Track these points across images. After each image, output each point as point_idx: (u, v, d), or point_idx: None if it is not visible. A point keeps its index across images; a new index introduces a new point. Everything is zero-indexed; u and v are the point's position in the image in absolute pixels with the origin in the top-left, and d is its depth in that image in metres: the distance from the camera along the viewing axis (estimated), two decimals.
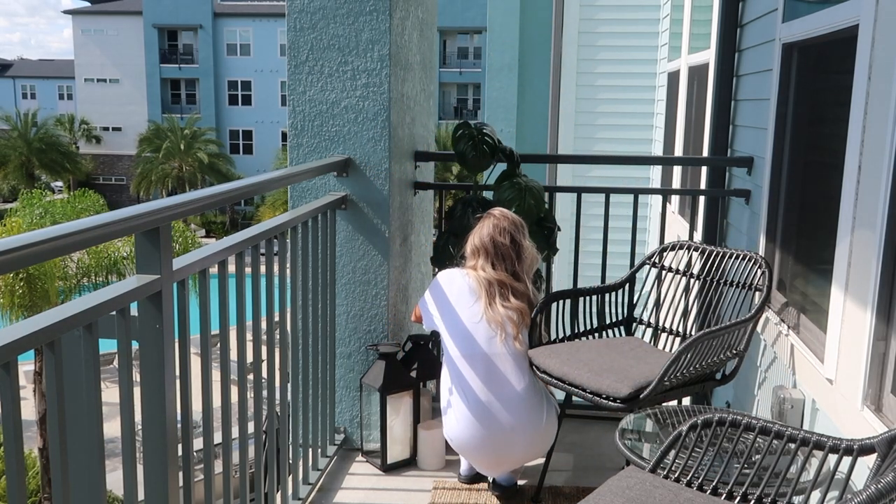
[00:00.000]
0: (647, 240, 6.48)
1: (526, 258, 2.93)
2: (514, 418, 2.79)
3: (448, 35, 39.40)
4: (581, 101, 7.57)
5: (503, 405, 2.79)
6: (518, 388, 2.81)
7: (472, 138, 3.32)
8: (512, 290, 2.87)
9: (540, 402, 2.85)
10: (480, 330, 2.84)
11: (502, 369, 2.82)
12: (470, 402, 2.82)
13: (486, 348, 2.83)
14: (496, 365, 2.82)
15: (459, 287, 2.92)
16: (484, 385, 2.81)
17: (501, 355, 2.83)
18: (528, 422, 2.80)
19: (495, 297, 2.85)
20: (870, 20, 2.19)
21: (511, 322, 2.84)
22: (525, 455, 2.90)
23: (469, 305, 2.88)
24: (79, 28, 43.83)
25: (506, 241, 2.89)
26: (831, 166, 2.51)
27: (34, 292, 14.36)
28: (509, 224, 2.92)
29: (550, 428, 2.87)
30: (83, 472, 1.58)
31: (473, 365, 2.84)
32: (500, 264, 2.89)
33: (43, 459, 14.13)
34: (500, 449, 2.82)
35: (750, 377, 3.32)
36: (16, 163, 37.85)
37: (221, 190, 2.18)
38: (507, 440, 2.80)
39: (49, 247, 1.41)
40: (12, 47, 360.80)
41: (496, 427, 2.79)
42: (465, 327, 2.87)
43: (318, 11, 3.04)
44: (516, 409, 2.80)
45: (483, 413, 2.80)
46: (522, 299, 2.88)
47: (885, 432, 1.71)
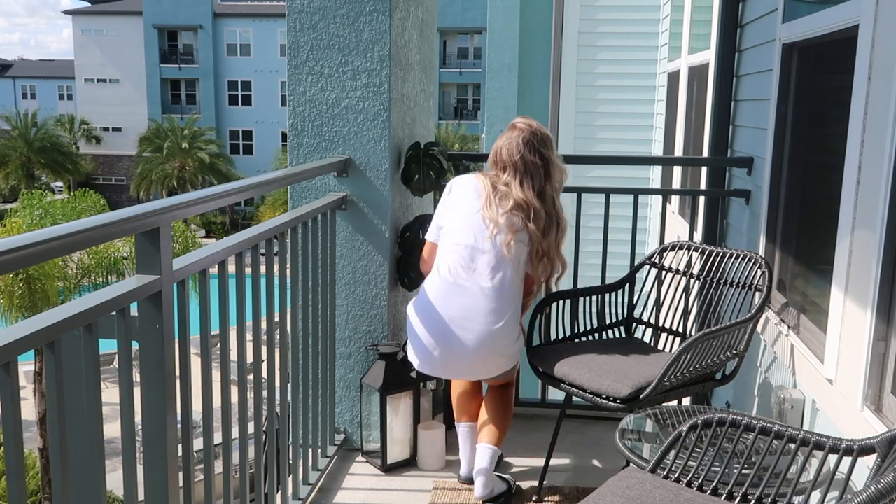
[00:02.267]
0: (647, 240, 6.48)
1: (555, 174, 2.83)
2: (475, 310, 2.73)
3: (448, 35, 39.41)
4: (581, 101, 7.57)
5: (470, 294, 2.74)
6: (488, 284, 2.73)
7: (417, 160, 3.22)
8: (535, 214, 2.76)
9: (507, 311, 2.75)
10: (474, 223, 2.77)
11: (480, 262, 2.74)
12: (439, 284, 2.78)
13: (473, 240, 2.75)
14: (476, 258, 2.75)
15: (466, 185, 2.85)
16: (461, 271, 2.75)
17: (487, 252, 2.74)
18: (487, 317, 2.73)
19: (504, 203, 2.75)
20: (870, 20, 2.19)
21: (510, 229, 2.73)
22: (475, 357, 2.79)
23: (471, 200, 2.80)
24: (79, 28, 43.86)
25: (535, 159, 2.79)
26: (831, 166, 2.51)
27: (34, 293, 14.37)
28: (538, 140, 2.82)
29: (508, 336, 2.78)
30: (83, 472, 1.58)
31: (456, 252, 2.77)
32: (529, 182, 2.78)
33: (43, 459, 14.14)
34: (453, 337, 2.75)
35: (750, 377, 3.32)
36: (16, 163, 37.87)
37: (221, 190, 2.18)
38: (462, 328, 2.74)
39: (49, 247, 1.41)
40: (12, 48, 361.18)
41: (454, 310, 2.75)
42: (459, 218, 2.81)
43: (318, 12, 3.04)
44: (480, 302, 2.74)
45: (447, 296, 2.76)
46: (539, 224, 2.76)
47: (885, 432, 1.71)
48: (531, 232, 2.76)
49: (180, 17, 41.42)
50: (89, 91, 44.04)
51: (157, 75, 42.23)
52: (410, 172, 3.23)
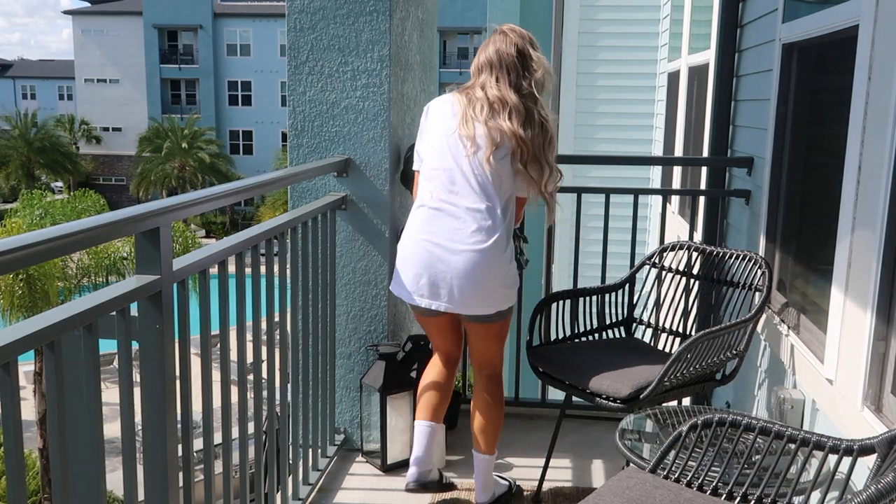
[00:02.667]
0: (647, 240, 6.48)
1: (535, 70, 2.64)
2: (461, 231, 2.57)
3: (448, 35, 39.39)
4: (581, 101, 7.57)
5: (453, 216, 2.59)
6: (472, 205, 2.56)
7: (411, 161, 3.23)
8: (512, 110, 2.56)
9: (495, 230, 2.57)
10: (451, 144, 2.60)
11: (462, 184, 2.58)
12: (423, 211, 2.64)
13: (452, 163, 2.59)
14: (457, 180, 2.58)
15: (442, 106, 2.69)
16: (443, 194, 2.60)
17: (468, 172, 2.57)
18: (473, 236, 2.56)
19: (478, 115, 2.57)
20: (870, 20, 2.19)
21: (489, 141, 2.55)
22: (467, 281, 2.58)
23: (447, 120, 2.64)
24: (79, 28, 43.86)
25: (511, 52, 2.63)
26: (831, 166, 2.51)
27: (34, 293, 14.37)
28: (516, 36, 2.68)
29: (499, 258, 2.59)
30: (83, 472, 1.58)
31: (436, 177, 2.63)
32: (505, 78, 2.61)
33: (43, 459, 14.13)
34: (440, 261, 2.58)
35: (750, 377, 3.32)
36: (16, 163, 37.88)
37: (221, 190, 2.18)
38: (449, 251, 2.57)
39: (49, 247, 1.41)
40: (12, 48, 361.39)
41: (439, 234, 2.59)
42: (436, 142, 2.66)
43: (318, 12, 3.04)
44: (465, 223, 2.57)
45: (430, 220, 2.62)
46: (519, 120, 2.56)
47: (885, 432, 1.71)
48: (508, 131, 2.55)
49: (180, 17, 41.42)
50: (89, 91, 44.05)
51: (157, 75, 42.24)
52: (409, 174, 3.23)
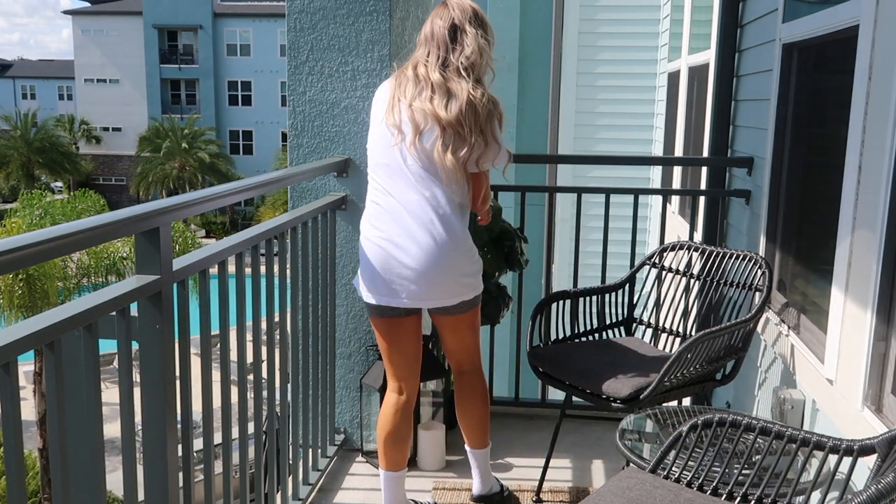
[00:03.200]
0: (647, 240, 6.48)
1: (467, 46, 2.43)
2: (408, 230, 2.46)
3: None
4: (581, 101, 7.58)
5: (398, 214, 2.47)
6: (413, 198, 2.45)
7: None
8: (435, 88, 2.41)
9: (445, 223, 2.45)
10: (384, 136, 2.49)
11: (398, 180, 2.47)
12: (370, 210, 2.56)
13: (388, 155, 2.48)
14: (394, 176, 2.48)
15: (380, 93, 2.59)
16: (382, 194, 2.51)
17: (401, 165, 2.46)
18: (421, 234, 2.45)
19: (404, 95, 2.45)
20: (870, 20, 2.19)
21: (413, 126, 2.41)
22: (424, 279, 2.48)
23: (379, 108, 2.53)
24: (78, 28, 43.86)
25: (444, 26, 2.46)
26: (831, 166, 2.51)
27: (34, 293, 14.37)
28: (456, 9, 2.49)
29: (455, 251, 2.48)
30: (83, 472, 1.57)
31: (375, 173, 2.54)
32: (435, 53, 2.45)
33: (43, 460, 14.13)
34: (393, 261, 2.47)
35: (750, 377, 3.32)
36: (16, 163, 37.87)
37: (221, 190, 2.18)
38: (401, 250, 2.46)
39: (49, 247, 1.41)
40: (12, 48, 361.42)
41: (387, 234, 2.48)
42: (372, 135, 2.56)
43: (318, 12, 3.04)
44: (410, 221, 2.46)
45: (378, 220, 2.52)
46: (441, 100, 2.40)
47: (885, 433, 1.71)
48: (430, 112, 2.40)
49: (180, 17, 41.42)
50: (89, 91, 44.05)
51: (157, 75, 42.25)
52: None
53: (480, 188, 2.56)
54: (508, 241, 3.36)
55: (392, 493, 2.69)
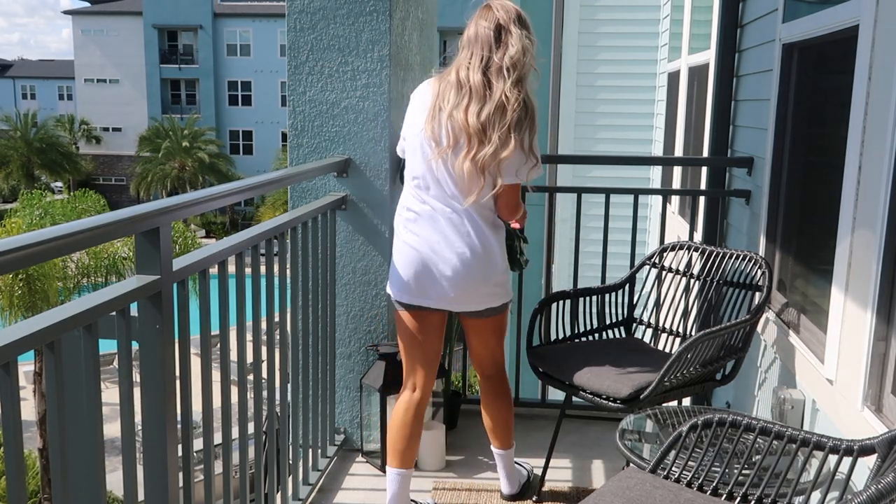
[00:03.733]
0: (647, 240, 6.48)
1: (511, 45, 2.44)
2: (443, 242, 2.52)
3: (448, 35, 39.11)
4: (581, 101, 7.58)
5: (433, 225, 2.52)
6: (449, 210, 2.50)
7: None
8: (473, 93, 2.43)
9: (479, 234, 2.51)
10: (422, 146, 2.52)
11: (436, 190, 2.51)
12: (405, 217, 2.58)
13: (424, 167, 2.51)
14: (431, 187, 2.51)
15: (416, 99, 2.62)
16: (419, 203, 2.55)
17: (439, 176, 2.49)
18: (455, 246, 2.50)
19: (445, 104, 2.46)
20: (870, 20, 2.19)
21: (452, 138, 2.44)
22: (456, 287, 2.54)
23: (417, 116, 2.56)
24: (78, 28, 43.87)
25: (489, 26, 2.47)
26: (831, 166, 2.51)
27: (34, 293, 14.36)
28: (500, 10, 2.49)
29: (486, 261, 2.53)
30: (83, 472, 1.58)
31: (412, 184, 2.57)
32: (478, 55, 2.45)
33: (43, 460, 14.13)
34: (426, 269, 2.53)
35: (750, 377, 3.32)
36: (16, 163, 37.87)
37: (221, 190, 2.18)
38: (435, 259, 2.52)
39: (49, 247, 1.41)
40: (11, 48, 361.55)
41: (422, 243, 2.54)
42: (410, 145, 2.59)
43: (318, 12, 3.04)
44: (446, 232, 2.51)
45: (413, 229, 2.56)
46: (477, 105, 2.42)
47: (885, 433, 1.71)
48: (461, 123, 2.42)
49: (180, 17, 41.42)
50: (89, 91, 44.06)
51: (157, 75, 42.25)
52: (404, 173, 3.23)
53: (506, 201, 2.54)
54: (508, 241, 3.36)
55: (398, 491, 2.69)
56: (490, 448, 2.90)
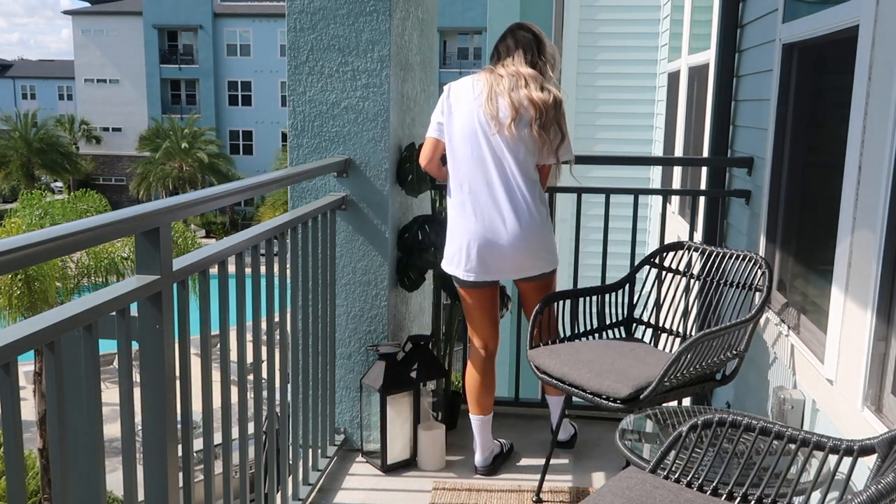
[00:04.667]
0: (647, 240, 6.48)
1: (546, 48, 2.96)
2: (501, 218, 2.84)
3: (448, 35, 39.37)
4: (581, 101, 7.57)
5: (492, 202, 2.84)
6: (506, 186, 2.83)
7: (411, 160, 3.22)
8: (528, 79, 2.85)
9: (529, 205, 2.85)
10: (477, 127, 2.84)
11: (492, 168, 2.83)
12: (462, 200, 2.88)
13: (481, 145, 2.83)
14: (487, 165, 2.83)
15: (463, 90, 2.91)
16: (476, 185, 2.85)
17: (496, 154, 2.82)
18: (513, 219, 2.83)
19: (503, 89, 2.83)
20: (870, 21, 2.19)
21: (512, 111, 2.80)
22: (514, 256, 2.88)
23: (469, 104, 2.87)
24: (78, 28, 43.86)
25: (528, 36, 2.95)
26: (831, 167, 2.51)
27: (33, 293, 14.35)
28: (535, 28, 3.01)
29: (539, 230, 2.88)
30: (83, 472, 1.58)
31: (467, 166, 2.86)
32: (521, 57, 2.90)
33: (43, 460, 14.13)
34: (486, 244, 2.85)
35: (750, 378, 3.32)
36: (16, 163, 37.85)
37: (221, 190, 2.18)
38: (494, 232, 2.84)
39: (49, 247, 1.41)
40: (11, 48, 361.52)
41: (482, 221, 2.85)
42: (460, 128, 2.87)
43: (319, 12, 3.04)
44: (503, 208, 2.84)
45: (473, 210, 2.86)
46: (536, 87, 2.83)
47: (885, 433, 1.71)
48: (527, 98, 2.81)
49: (180, 17, 41.41)
50: (89, 91, 44.04)
51: (157, 75, 42.23)
52: (404, 173, 3.23)
53: (547, 176, 3.02)
54: None
55: (485, 434, 3.11)
56: None
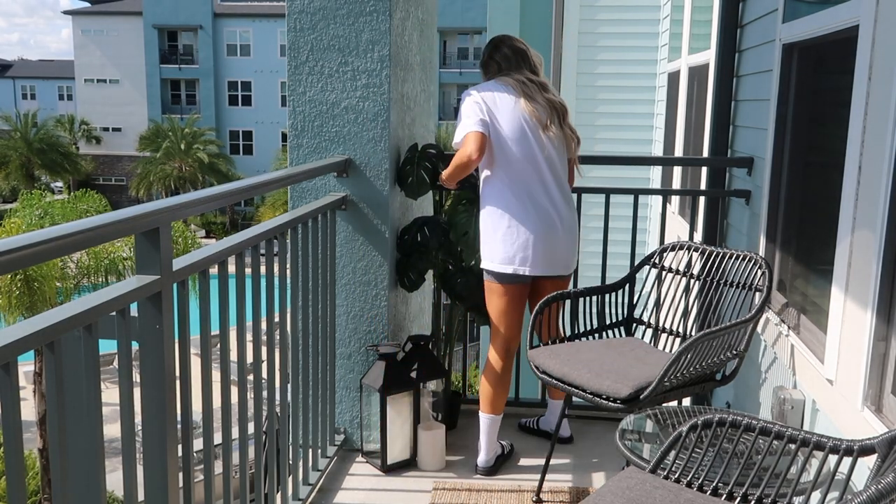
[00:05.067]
0: (647, 240, 6.48)
1: (534, 58, 3.12)
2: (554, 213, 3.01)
3: (448, 35, 39.37)
4: (581, 101, 7.57)
5: (547, 199, 3.00)
6: (556, 182, 3.02)
7: (412, 162, 3.23)
8: (545, 84, 3.07)
9: (569, 199, 3.10)
10: (524, 126, 2.97)
11: (543, 167, 2.99)
12: (516, 200, 2.98)
13: (530, 148, 2.98)
14: (540, 165, 2.99)
15: (497, 94, 3.00)
16: (532, 184, 2.98)
17: (545, 153, 2.99)
18: (561, 213, 3.02)
19: (534, 93, 3.01)
20: (870, 21, 2.19)
21: (549, 112, 3.01)
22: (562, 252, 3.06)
23: (509, 104, 2.98)
24: (78, 28, 43.85)
25: (517, 45, 3.12)
26: (831, 167, 2.51)
27: (33, 293, 14.35)
28: (511, 37, 3.17)
29: (575, 221, 3.11)
30: (83, 472, 1.57)
31: (520, 165, 2.98)
32: (521, 67, 3.08)
33: (43, 460, 14.12)
34: (540, 240, 2.98)
35: (750, 378, 3.32)
36: (16, 163, 37.82)
37: (221, 190, 2.18)
38: (550, 228, 3.00)
39: (49, 247, 1.41)
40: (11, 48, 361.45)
41: (539, 219, 2.99)
42: (507, 129, 2.97)
43: (319, 12, 3.04)
44: (557, 203, 3.02)
45: (529, 209, 2.98)
46: (553, 94, 3.07)
47: (885, 433, 1.71)
48: (556, 99, 3.05)
49: (180, 17, 41.41)
50: (89, 91, 44.03)
51: (157, 75, 42.22)
52: (405, 174, 3.23)
53: (573, 172, 3.20)
54: None
55: (492, 434, 3.14)
56: None
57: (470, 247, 3.24)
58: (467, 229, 3.23)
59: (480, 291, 3.25)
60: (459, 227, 3.24)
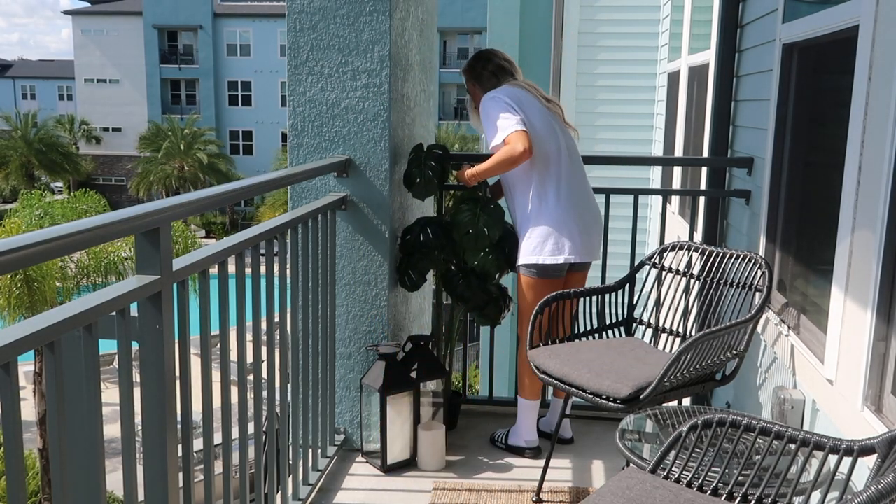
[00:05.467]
0: (647, 240, 6.48)
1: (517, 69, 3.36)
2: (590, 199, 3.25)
3: (448, 35, 39.36)
4: (581, 101, 7.57)
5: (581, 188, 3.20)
6: (583, 170, 3.25)
7: (419, 163, 3.23)
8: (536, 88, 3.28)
9: None
10: (550, 122, 3.17)
11: (574, 156, 3.21)
12: (563, 192, 3.13)
13: (560, 139, 3.17)
14: (572, 155, 3.20)
15: (522, 94, 3.17)
16: (570, 174, 3.16)
17: (570, 144, 3.21)
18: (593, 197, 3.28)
19: (542, 94, 3.24)
20: (870, 21, 2.19)
21: (560, 113, 3.25)
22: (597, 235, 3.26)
23: (534, 104, 3.17)
24: (78, 28, 43.85)
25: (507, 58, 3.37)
26: (831, 167, 2.51)
27: (33, 293, 14.34)
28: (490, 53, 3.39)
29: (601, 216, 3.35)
30: (83, 472, 1.57)
31: (558, 157, 3.15)
32: (515, 72, 3.33)
33: (43, 460, 14.12)
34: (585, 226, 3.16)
35: (750, 378, 3.32)
36: (16, 163, 37.82)
37: (221, 190, 2.18)
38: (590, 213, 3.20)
39: (49, 247, 1.41)
40: (11, 48, 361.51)
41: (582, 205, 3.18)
42: (539, 126, 3.12)
43: (318, 12, 3.04)
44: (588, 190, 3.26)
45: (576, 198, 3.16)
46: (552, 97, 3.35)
47: (885, 433, 1.71)
48: (556, 101, 3.30)
49: (180, 17, 41.41)
50: (89, 91, 44.03)
51: (157, 75, 42.22)
52: (412, 176, 3.23)
53: None
54: (509, 242, 3.37)
55: (534, 417, 3.30)
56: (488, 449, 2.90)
57: (472, 247, 3.24)
58: (470, 228, 3.23)
59: (482, 293, 3.25)
60: (462, 226, 3.23)
